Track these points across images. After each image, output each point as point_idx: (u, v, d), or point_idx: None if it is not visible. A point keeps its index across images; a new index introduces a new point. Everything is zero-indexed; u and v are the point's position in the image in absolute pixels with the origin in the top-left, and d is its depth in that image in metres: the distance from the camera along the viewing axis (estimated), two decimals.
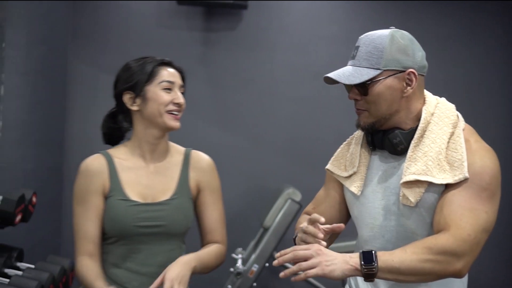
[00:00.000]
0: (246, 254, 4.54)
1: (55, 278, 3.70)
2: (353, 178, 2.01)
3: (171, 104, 2.07)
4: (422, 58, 1.89)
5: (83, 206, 2.07)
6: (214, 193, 2.17)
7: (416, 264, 1.71)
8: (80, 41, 5.01)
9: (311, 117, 5.15)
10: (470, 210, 1.75)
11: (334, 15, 5.18)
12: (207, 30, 5.10)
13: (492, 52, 5.18)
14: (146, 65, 2.07)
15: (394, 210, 1.89)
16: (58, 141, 4.81)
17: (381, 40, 1.85)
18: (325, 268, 1.72)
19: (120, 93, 2.09)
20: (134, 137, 2.12)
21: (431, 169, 1.80)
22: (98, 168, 2.08)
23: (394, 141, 1.88)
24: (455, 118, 1.89)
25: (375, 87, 1.85)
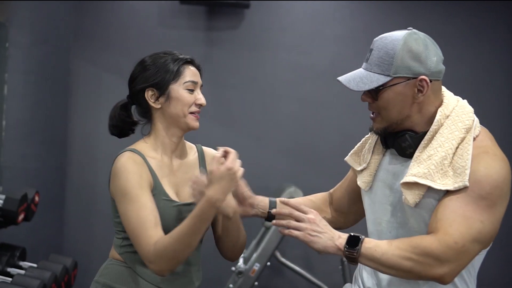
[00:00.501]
0: (248, 253, 4.55)
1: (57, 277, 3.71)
2: (363, 174, 2.03)
3: (194, 105, 2.08)
4: (437, 63, 1.85)
5: (140, 202, 1.95)
6: None
7: (396, 260, 1.74)
8: (82, 40, 5.02)
9: (313, 116, 5.15)
10: (464, 217, 1.73)
11: (337, 15, 5.19)
12: (209, 30, 5.11)
13: (497, 51, 5.17)
14: (171, 63, 2.06)
15: (400, 208, 1.90)
16: (61, 140, 4.82)
17: (393, 46, 1.83)
18: (308, 236, 1.81)
19: (141, 89, 2.07)
20: (155, 134, 2.10)
21: (432, 173, 1.79)
22: (140, 164, 2.01)
23: (403, 145, 1.88)
24: (470, 123, 1.85)
25: (385, 94, 1.85)
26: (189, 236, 1.89)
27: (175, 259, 1.91)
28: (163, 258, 1.90)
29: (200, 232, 1.91)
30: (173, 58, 2.08)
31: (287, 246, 4.96)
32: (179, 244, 1.89)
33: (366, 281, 2.00)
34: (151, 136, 2.11)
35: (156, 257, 1.90)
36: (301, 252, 5.06)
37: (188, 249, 1.92)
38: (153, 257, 1.90)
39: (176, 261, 1.92)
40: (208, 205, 1.87)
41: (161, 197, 2.02)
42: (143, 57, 2.13)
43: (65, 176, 4.92)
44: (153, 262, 1.91)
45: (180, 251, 1.90)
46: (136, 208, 1.95)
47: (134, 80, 2.10)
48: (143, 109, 2.10)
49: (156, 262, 1.90)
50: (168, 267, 1.92)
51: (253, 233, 4.85)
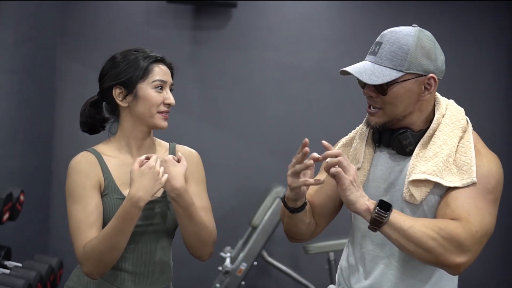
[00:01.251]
0: (235, 253, 4.54)
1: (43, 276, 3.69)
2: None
3: (162, 104, 2.03)
4: (443, 62, 1.87)
5: (81, 203, 1.96)
6: (200, 184, 2.12)
7: (421, 235, 1.72)
8: (69, 39, 4.99)
9: (300, 116, 5.16)
10: (477, 208, 1.75)
11: (324, 14, 5.19)
12: (196, 29, 5.09)
13: (484, 51, 5.20)
14: (140, 61, 2.02)
15: (396, 206, 1.88)
16: (46, 139, 4.79)
17: (407, 41, 1.82)
18: (350, 184, 1.76)
19: (109, 86, 2.04)
20: (121, 133, 2.07)
21: (441, 170, 1.81)
22: (91, 164, 2.01)
23: (404, 142, 1.88)
24: (465, 122, 1.89)
25: (395, 89, 1.83)
26: (113, 236, 1.88)
27: (102, 261, 1.90)
28: (90, 260, 1.90)
29: (125, 232, 1.89)
30: (144, 56, 2.03)
31: (274, 246, 4.96)
32: (104, 245, 1.88)
33: (354, 284, 1.98)
34: (117, 135, 2.09)
35: (85, 258, 1.91)
36: (288, 252, 5.06)
37: (114, 251, 1.90)
38: (82, 258, 1.91)
39: (104, 264, 1.91)
40: (130, 204, 1.85)
41: (114, 196, 1.99)
42: (111, 56, 2.09)
43: (51, 175, 4.89)
44: (83, 264, 1.92)
45: (106, 253, 1.89)
46: (76, 209, 1.95)
47: (104, 76, 2.07)
48: (111, 106, 2.07)
49: (85, 264, 1.91)
50: (96, 269, 1.91)
51: (240, 232, 4.84)
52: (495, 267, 5.14)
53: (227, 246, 4.55)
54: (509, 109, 5.20)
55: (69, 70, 4.98)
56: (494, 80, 5.22)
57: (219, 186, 4.87)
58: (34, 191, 4.42)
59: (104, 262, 1.91)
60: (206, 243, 2.05)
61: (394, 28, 1.88)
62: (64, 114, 4.97)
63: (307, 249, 4.50)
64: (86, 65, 4.97)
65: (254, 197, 4.86)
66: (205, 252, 2.07)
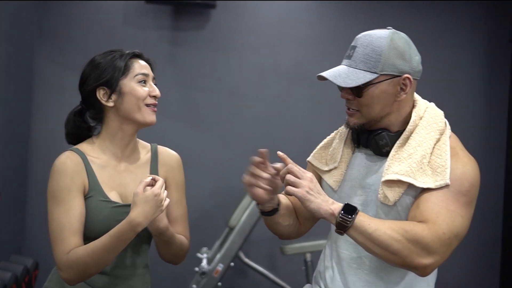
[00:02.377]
0: (211, 254, 4.54)
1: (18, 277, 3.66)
2: (332, 173, 2.02)
3: (148, 97, 2.03)
4: (418, 62, 1.90)
5: (65, 206, 1.93)
6: (179, 190, 2.14)
7: (386, 238, 1.73)
8: (46, 39, 4.96)
9: (278, 117, 5.17)
10: (447, 210, 1.77)
11: (303, 16, 5.21)
12: (175, 29, 5.09)
13: (459, 54, 5.25)
14: (118, 59, 2.02)
15: (372, 207, 1.91)
16: (23, 140, 4.75)
17: (380, 43, 1.84)
18: (306, 194, 1.76)
19: (92, 90, 2.02)
20: (106, 134, 2.05)
21: (414, 171, 1.82)
22: (76, 165, 1.98)
23: (380, 143, 1.90)
24: (443, 125, 1.91)
25: (370, 90, 1.85)
26: (103, 253, 1.87)
27: (85, 272, 1.89)
28: (73, 269, 1.88)
29: (116, 251, 1.89)
30: (121, 54, 2.04)
31: (251, 247, 4.96)
32: (91, 259, 1.87)
33: (330, 283, 2.00)
34: (101, 136, 2.07)
35: (67, 267, 1.89)
36: (265, 253, 5.07)
37: (100, 266, 1.90)
38: (64, 266, 1.89)
39: (86, 275, 1.90)
40: (128, 227, 1.84)
41: (99, 198, 1.98)
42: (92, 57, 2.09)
43: (27, 176, 4.85)
44: (63, 271, 1.90)
45: (91, 266, 1.88)
46: (59, 212, 1.93)
47: (85, 81, 2.05)
48: (96, 110, 2.05)
49: (66, 271, 1.89)
50: (77, 278, 1.91)
51: (217, 233, 4.84)
52: (473, 269, 5.20)
53: (204, 247, 4.55)
54: (485, 111, 5.26)
55: (46, 70, 4.95)
56: (471, 82, 5.27)
57: (196, 187, 4.86)
58: (10, 192, 4.38)
59: (87, 274, 1.90)
60: (180, 257, 2.11)
61: (368, 31, 1.90)
62: (41, 114, 4.93)
63: (284, 250, 4.51)
64: (63, 65, 4.94)
65: (231, 198, 4.86)
66: (179, 262, 2.14)
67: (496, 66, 5.25)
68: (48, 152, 4.91)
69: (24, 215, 4.82)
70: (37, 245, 4.87)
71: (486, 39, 5.26)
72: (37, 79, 4.91)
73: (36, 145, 4.92)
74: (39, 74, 4.92)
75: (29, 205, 4.89)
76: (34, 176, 4.90)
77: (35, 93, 4.90)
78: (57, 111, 4.85)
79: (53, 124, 4.86)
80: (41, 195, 4.83)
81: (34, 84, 4.88)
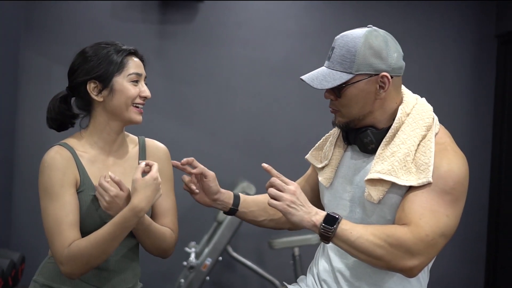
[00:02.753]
0: (200, 248, 4.54)
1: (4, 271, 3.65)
2: (324, 170, 2.06)
3: (138, 97, 2.02)
4: (398, 59, 1.89)
5: (60, 201, 1.92)
6: (168, 182, 2.13)
7: (369, 245, 1.76)
8: (33, 32, 4.92)
9: (266, 111, 5.17)
10: (431, 211, 1.77)
11: (291, 11, 5.21)
12: (162, 23, 5.07)
13: (446, 50, 5.27)
14: (113, 55, 2.00)
15: (359, 204, 1.93)
16: (9, 132, 4.72)
17: (354, 43, 1.85)
18: (286, 207, 1.80)
19: (83, 81, 2.00)
20: (93, 128, 2.04)
21: (396, 169, 1.83)
22: (66, 160, 1.96)
23: (365, 140, 1.91)
24: (430, 121, 1.90)
25: (347, 91, 1.87)
26: (107, 242, 1.86)
27: (88, 264, 1.88)
28: (76, 262, 1.87)
29: (119, 239, 1.88)
30: (116, 49, 2.02)
31: (239, 241, 4.96)
32: (96, 249, 1.86)
33: (322, 273, 2.02)
34: (88, 130, 2.05)
35: (69, 260, 1.87)
36: (253, 247, 5.07)
37: (104, 256, 1.89)
38: (66, 259, 1.87)
39: (89, 267, 1.89)
40: (131, 213, 1.84)
41: (90, 193, 1.97)
42: (83, 48, 2.05)
43: (13, 169, 4.82)
44: (65, 265, 1.88)
45: (96, 257, 1.88)
46: (55, 207, 1.92)
47: (75, 71, 2.03)
48: (84, 101, 2.04)
49: (68, 264, 1.88)
50: (79, 271, 1.89)
51: (205, 227, 4.84)
52: (458, 264, 5.23)
53: (192, 241, 4.55)
54: (471, 106, 5.29)
55: (32, 63, 4.92)
56: (457, 78, 5.29)
57: None
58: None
59: (90, 265, 1.89)
60: (164, 250, 2.08)
61: (347, 31, 1.92)
62: (26, 107, 4.90)
63: (272, 244, 4.52)
64: (50, 58, 4.91)
65: None
66: (166, 255, 2.11)
67: (483, 62, 5.27)
68: (34, 145, 4.88)
69: (10, 209, 4.79)
70: (23, 239, 4.85)
71: (472, 35, 5.28)
72: (23, 72, 4.87)
73: (22, 138, 4.89)
74: (25, 67, 4.88)
75: (16, 199, 4.86)
76: (20, 169, 4.87)
77: (20, 85, 4.86)
78: (43, 104, 4.80)
79: (39, 117, 4.83)
80: (27, 188, 4.84)
81: (20, 77, 4.84)
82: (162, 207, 2.10)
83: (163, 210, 2.10)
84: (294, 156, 4.85)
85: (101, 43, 2.04)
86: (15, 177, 4.85)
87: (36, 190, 5.01)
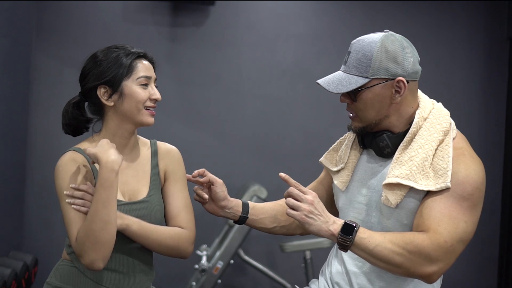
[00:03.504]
0: (211, 251, 4.54)
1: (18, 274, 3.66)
2: (340, 174, 2.05)
3: (149, 100, 2.03)
4: (414, 64, 1.89)
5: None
6: (180, 181, 2.13)
7: (388, 253, 1.76)
8: (44, 35, 4.95)
9: (277, 114, 5.17)
10: (449, 217, 1.77)
11: (302, 13, 5.21)
12: (173, 26, 5.08)
13: (456, 52, 5.25)
14: (122, 58, 2.00)
15: (375, 207, 1.93)
16: (21, 136, 4.74)
17: (371, 48, 1.85)
18: (304, 217, 1.80)
19: (93, 87, 2.01)
20: (106, 132, 2.05)
21: (414, 174, 1.83)
22: (80, 163, 1.99)
23: (381, 144, 1.91)
24: (448, 126, 1.90)
25: (363, 95, 1.87)
26: (101, 210, 1.86)
27: (98, 242, 1.86)
28: (86, 245, 1.86)
29: (110, 202, 1.87)
30: (125, 53, 2.02)
31: (251, 244, 4.96)
32: (94, 223, 1.86)
33: (335, 276, 2.02)
34: (101, 134, 2.07)
35: (81, 246, 1.87)
36: (265, 250, 5.07)
37: (107, 226, 1.87)
38: (79, 248, 1.88)
39: (100, 244, 1.87)
40: (106, 170, 1.88)
41: None
42: (94, 52, 2.06)
43: (25, 172, 4.84)
44: (82, 255, 1.88)
45: (99, 230, 1.86)
46: (69, 208, 1.93)
47: (86, 76, 2.04)
48: (96, 106, 2.05)
49: (83, 252, 1.87)
50: (96, 253, 1.87)
51: (216, 231, 4.84)
52: (471, 267, 5.20)
53: (204, 244, 4.55)
54: (483, 109, 5.26)
55: (44, 66, 4.94)
56: (468, 80, 5.27)
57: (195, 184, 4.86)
58: (9, 188, 4.38)
59: (100, 242, 1.87)
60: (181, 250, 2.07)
61: (363, 36, 1.92)
62: (39, 110, 4.93)
63: (284, 247, 4.51)
64: (62, 61, 4.93)
65: (231, 195, 4.81)
66: (183, 255, 2.09)
67: (494, 64, 5.25)
68: (47, 149, 4.91)
69: (23, 211, 4.82)
70: (36, 241, 4.87)
71: (484, 37, 5.26)
72: (35, 75, 4.90)
73: (34, 141, 4.91)
74: (37, 70, 4.91)
75: (28, 201, 4.88)
76: (33, 172, 4.89)
77: (33, 90, 4.89)
78: (55, 107, 4.84)
79: (51, 121, 4.86)
80: (40, 191, 4.86)
81: (32, 80, 4.87)
82: (175, 205, 2.10)
83: (177, 207, 2.10)
84: (305, 159, 4.85)
85: (111, 47, 2.05)
86: (27, 181, 4.87)
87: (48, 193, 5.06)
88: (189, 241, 2.07)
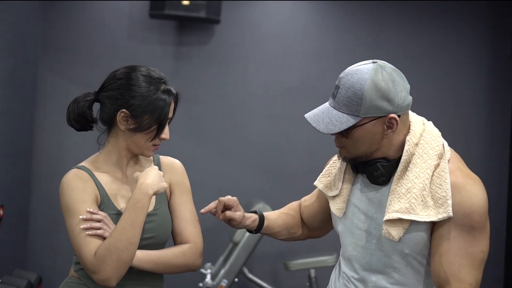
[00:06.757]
0: (215, 269, 4.53)
1: None
2: (336, 200, 2.02)
3: (158, 139, 2.05)
4: (405, 96, 1.82)
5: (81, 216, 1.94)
6: (184, 193, 2.14)
7: None
8: (50, 53, 4.98)
9: (282, 132, 5.17)
10: (467, 256, 1.77)
11: (307, 32, 5.23)
12: (179, 44, 5.10)
13: (462, 71, 5.26)
14: (160, 102, 2.01)
15: (374, 234, 1.90)
16: (26, 153, 4.76)
17: (361, 86, 1.78)
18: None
19: (117, 107, 1.99)
20: (112, 149, 2.05)
21: (414, 206, 1.79)
22: (85, 180, 1.99)
23: (375, 174, 1.87)
24: (440, 148, 1.84)
25: (355, 133, 1.82)
26: (128, 230, 1.87)
27: (120, 260, 1.87)
28: (107, 263, 1.86)
29: (138, 224, 1.89)
30: (159, 89, 2.04)
31: (255, 262, 4.94)
32: (120, 241, 1.86)
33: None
34: (107, 149, 2.07)
35: (100, 263, 1.86)
36: (269, 269, 5.05)
37: (131, 247, 1.88)
38: (96, 265, 1.87)
39: (121, 263, 1.87)
40: (139, 192, 1.91)
41: (110, 212, 1.98)
42: (130, 71, 2.03)
43: (30, 190, 4.85)
44: (98, 272, 1.87)
45: (123, 250, 1.87)
46: (79, 222, 1.92)
47: (113, 91, 2.01)
48: (107, 119, 2.03)
49: (100, 269, 1.86)
50: (114, 272, 1.87)
51: (221, 249, 4.83)
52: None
53: (208, 263, 4.53)
54: (488, 127, 5.26)
55: (50, 84, 4.96)
56: (473, 98, 5.27)
57: (200, 202, 4.83)
58: (13, 206, 4.38)
59: (122, 261, 1.87)
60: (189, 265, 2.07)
61: (351, 68, 1.85)
62: (44, 127, 4.94)
63: (288, 266, 4.49)
64: (67, 78, 4.95)
65: None
66: (191, 268, 2.10)
67: (499, 82, 5.25)
68: (52, 166, 4.91)
69: (27, 229, 4.82)
70: (40, 259, 4.86)
71: (489, 55, 5.27)
72: (41, 93, 4.92)
73: (39, 158, 4.93)
74: (42, 87, 4.93)
75: (33, 219, 4.88)
76: (37, 189, 4.90)
77: (38, 106, 4.91)
78: (60, 125, 4.86)
79: (57, 138, 4.87)
80: (44, 209, 4.86)
81: (37, 97, 4.89)
82: (181, 218, 2.11)
83: (182, 220, 2.10)
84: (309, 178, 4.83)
85: (151, 73, 2.07)
86: (31, 198, 4.87)
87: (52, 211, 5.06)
88: (196, 255, 2.08)
